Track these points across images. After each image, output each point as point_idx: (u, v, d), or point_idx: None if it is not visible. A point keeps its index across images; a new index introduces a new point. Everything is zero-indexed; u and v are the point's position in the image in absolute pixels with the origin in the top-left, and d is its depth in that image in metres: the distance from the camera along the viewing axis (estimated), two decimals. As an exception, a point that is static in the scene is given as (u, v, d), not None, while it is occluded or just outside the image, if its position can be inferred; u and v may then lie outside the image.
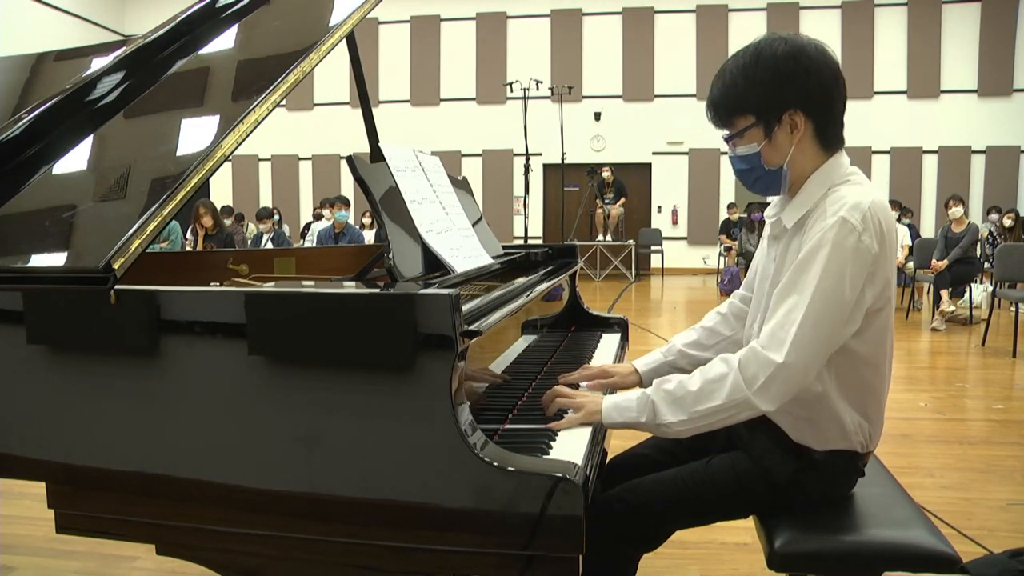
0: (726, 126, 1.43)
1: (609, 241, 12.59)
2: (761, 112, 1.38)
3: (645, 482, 1.50)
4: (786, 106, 1.37)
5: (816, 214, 1.36)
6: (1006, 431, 3.96)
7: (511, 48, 14.49)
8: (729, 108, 1.41)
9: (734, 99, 1.39)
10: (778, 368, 1.28)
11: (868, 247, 1.29)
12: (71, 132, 1.60)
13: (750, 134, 1.40)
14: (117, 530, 1.31)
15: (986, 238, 9.77)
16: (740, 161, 1.44)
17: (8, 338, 1.32)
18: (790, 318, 1.29)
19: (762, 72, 1.36)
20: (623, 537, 1.45)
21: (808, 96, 1.37)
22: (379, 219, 1.49)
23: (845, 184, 1.37)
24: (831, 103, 1.39)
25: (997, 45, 13.30)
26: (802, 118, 1.37)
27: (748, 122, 1.39)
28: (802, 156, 1.40)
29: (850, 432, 1.42)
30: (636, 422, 1.36)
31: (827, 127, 1.40)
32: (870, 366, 1.40)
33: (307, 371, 1.20)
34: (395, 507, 1.15)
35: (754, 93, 1.37)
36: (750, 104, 1.38)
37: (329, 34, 1.63)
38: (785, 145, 1.39)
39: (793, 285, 1.31)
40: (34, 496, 1.43)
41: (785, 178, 1.42)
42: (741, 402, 1.30)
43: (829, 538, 1.39)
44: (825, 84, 1.37)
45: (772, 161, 1.41)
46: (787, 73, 1.35)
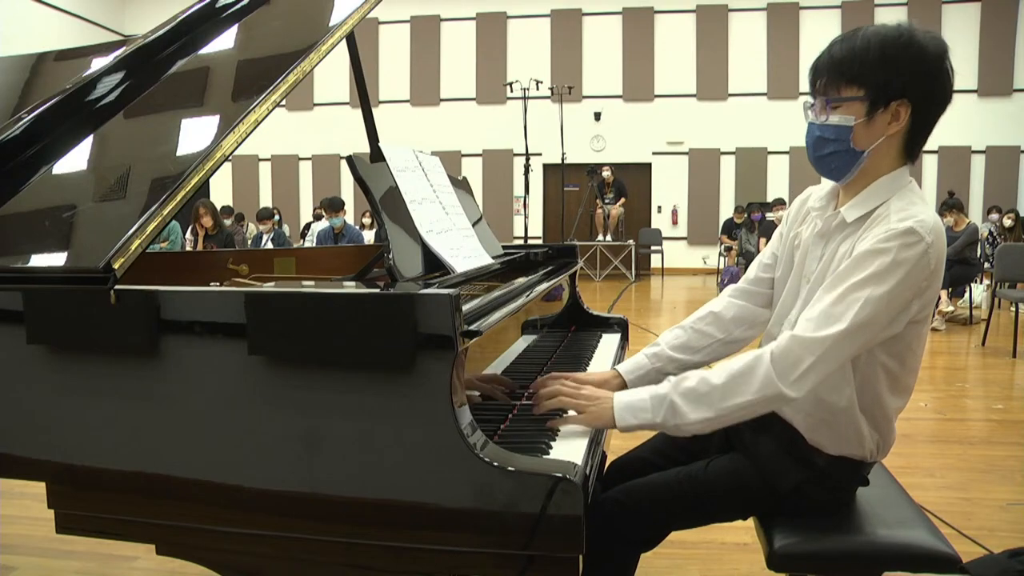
0: (830, 88, 1.35)
1: (609, 241, 12.58)
2: (877, 90, 1.31)
3: (643, 483, 1.49)
4: (903, 94, 1.31)
5: (879, 217, 1.32)
6: (1006, 431, 3.96)
7: (511, 48, 14.49)
8: (846, 72, 1.32)
9: (856, 65, 1.31)
10: (822, 354, 1.25)
11: (928, 261, 1.27)
12: (71, 132, 1.60)
13: (852, 106, 1.33)
14: (117, 530, 1.31)
15: (986, 238, 9.76)
16: (828, 130, 1.36)
17: (8, 338, 1.32)
18: (841, 306, 1.26)
19: (904, 53, 1.30)
20: (621, 537, 1.45)
21: (926, 98, 1.33)
22: (379, 219, 1.49)
23: (914, 204, 1.33)
24: (935, 115, 1.37)
25: (997, 45, 13.30)
26: (907, 113, 1.33)
27: (857, 93, 1.32)
28: (885, 151, 1.36)
29: (865, 440, 1.42)
30: (652, 422, 1.33)
31: (919, 135, 1.37)
32: (894, 383, 1.40)
33: (307, 371, 1.20)
34: (395, 507, 1.15)
35: (883, 69, 1.30)
36: (871, 77, 1.31)
37: (329, 34, 1.63)
38: (879, 131, 1.34)
39: (849, 275, 1.28)
40: (34, 496, 1.43)
41: (859, 165, 1.36)
42: (773, 396, 1.28)
43: (829, 538, 1.39)
44: (943, 95, 1.35)
45: (861, 143, 1.34)
46: (925, 68, 1.31)
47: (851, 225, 1.37)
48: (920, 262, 1.26)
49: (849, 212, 1.38)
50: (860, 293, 1.26)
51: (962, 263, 7.49)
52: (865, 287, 1.26)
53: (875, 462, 1.48)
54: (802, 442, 1.43)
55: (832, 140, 1.36)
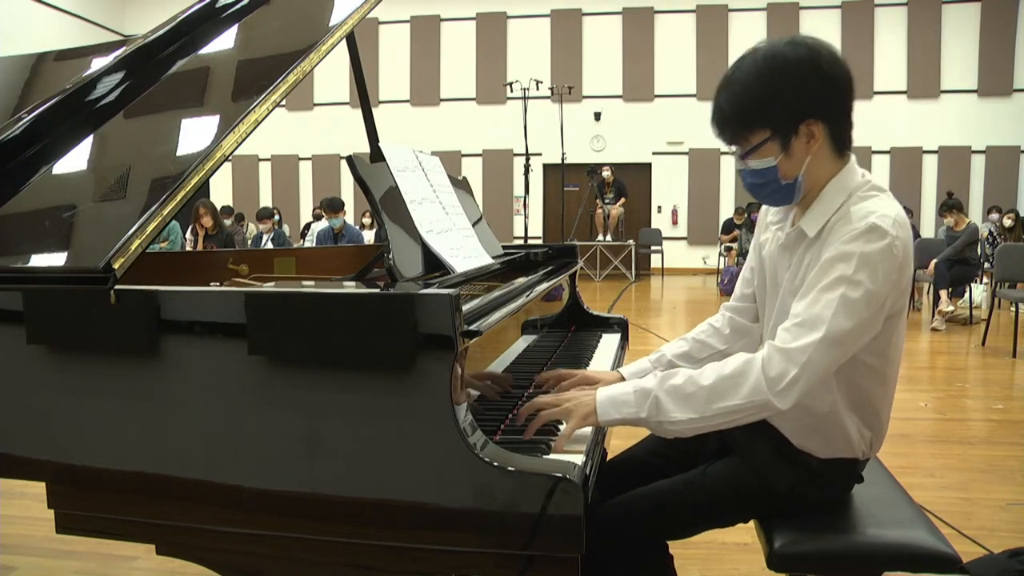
0: (738, 141, 1.35)
1: (609, 241, 12.59)
2: (779, 125, 1.30)
3: (642, 494, 1.48)
4: (804, 116, 1.30)
5: (839, 221, 1.31)
6: (1006, 431, 3.96)
7: (511, 48, 14.49)
8: (743, 123, 1.32)
9: (748, 113, 1.31)
10: (805, 364, 1.23)
11: (895, 254, 1.26)
12: (71, 132, 1.60)
13: (766, 148, 1.32)
14: (117, 530, 1.31)
15: (986, 238, 9.76)
16: (754, 175, 1.36)
17: (8, 338, 1.32)
18: (819, 310, 1.25)
19: (778, 81, 1.28)
20: (621, 548, 1.45)
21: (828, 104, 1.31)
22: (379, 219, 1.49)
23: (870, 198, 1.32)
24: (847, 107, 1.34)
25: (997, 45, 13.31)
26: (820, 127, 1.31)
27: (764, 136, 1.31)
28: (817, 164, 1.34)
29: (854, 441, 1.41)
30: (635, 418, 1.29)
31: (842, 130, 1.35)
32: (878, 377, 1.40)
33: (307, 371, 1.20)
34: (395, 507, 1.15)
35: (771, 105, 1.29)
36: (767, 117, 1.30)
37: (329, 34, 1.63)
38: (801, 156, 1.33)
39: (819, 281, 1.27)
40: (34, 496, 1.43)
41: (799, 189, 1.36)
42: (761, 404, 1.25)
43: (829, 538, 1.39)
44: (841, 89, 1.32)
45: (789, 174, 1.34)
46: (806, 82, 1.28)
47: (813, 237, 1.36)
48: (888, 257, 1.25)
49: (809, 226, 1.36)
50: (832, 296, 1.25)
51: (962, 263, 7.49)
52: (836, 290, 1.25)
53: (867, 460, 1.48)
54: (792, 446, 1.43)
55: (763, 183, 1.36)
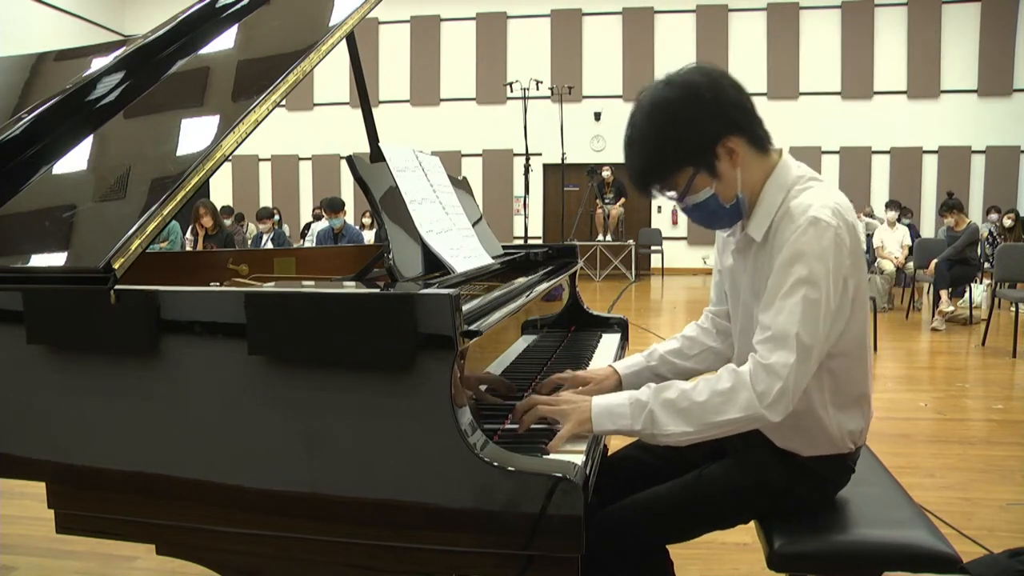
0: (668, 188, 1.38)
1: (609, 241, 12.59)
2: (696, 158, 1.34)
3: (642, 498, 1.48)
4: (714, 140, 1.33)
5: (783, 220, 1.33)
6: (1006, 431, 3.96)
7: (511, 48, 14.49)
8: (664, 172, 1.36)
9: (663, 162, 1.35)
10: (788, 376, 1.26)
11: (843, 240, 1.29)
12: (71, 132, 1.60)
13: (697, 182, 1.36)
14: (117, 530, 1.31)
15: (986, 238, 9.76)
16: (699, 211, 1.40)
17: (8, 338, 1.32)
18: (786, 323, 1.27)
19: (673, 123, 1.32)
20: (621, 554, 1.45)
21: (729, 119, 1.33)
22: (379, 219, 1.49)
23: (806, 190, 1.35)
24: (748, 111, 1.36)
25: (997, 45, 13.30)
26: (734, 140, 1.34)
27: (689, 173, 1.35)
28: (748, 173, 1.37)
29: (836, 437, 1.42)
30: (629, 429, 1.32)
31: (755, 133, 1.37)
32: (849, 368, 1.40)
33: (307, 371, 1.20)
34: (395, 507, 1.15)
35: (678, 146, 1.33)
36: (681, 157, 1.34)
37: (329, 34, 1.63)
38: (732, 174, 1.36)
39: (779, 287, 1.29)
40: (34, 496, 1.43)
41: (744, 203, 1.39)
42: (755, 417, 1.28)
43: (829, 538, 1.39)
44: (736, 100, 1.34)
45: (728, 195, 1.37)
46: (698, 113, 1.32)
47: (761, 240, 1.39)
48: (836, 246, 1.28)
49: (755, 231, 1.39)
50: (795, 300, 1.27)
51: (962, 263, 7.48)
52: (797, 293, 1.27)
53: (858, 451, 1.49)
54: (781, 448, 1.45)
55: (710, 213, 1.40)
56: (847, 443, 1.44)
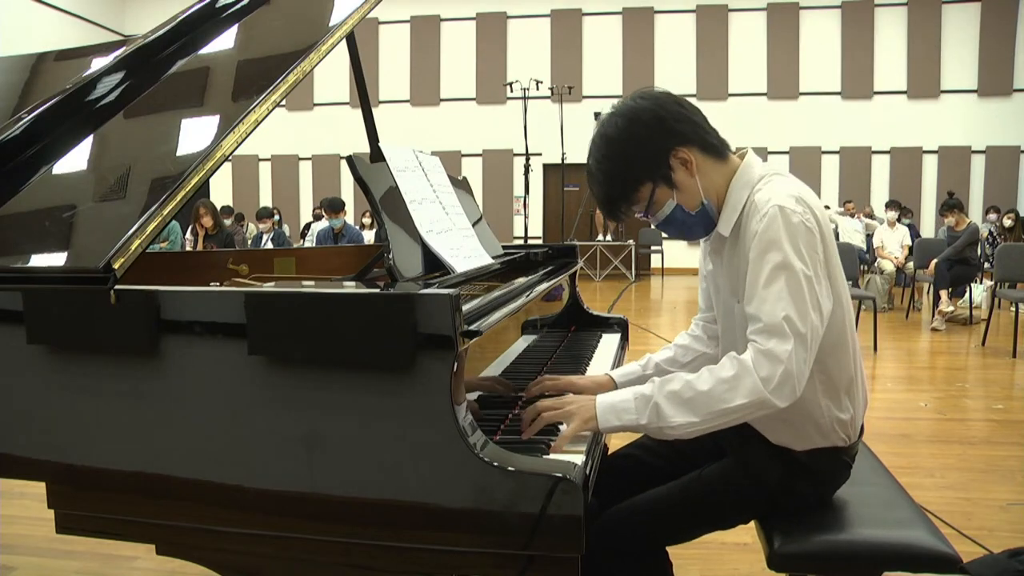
0: (632, 207, 1.45)
1: (609, 241, 12.59)
2: (651, 173, 1.41)
3: (642, 500, 1.49)
4: (665, 153, 1.40)
5: (749, 215, 1.37)
6: (1006, 431, 3.96)
7: (511, 48, 14.49)
8: (625, 193, 1.43)
9: (622, 184, 1.43)
10: (789, 360, 1.26)
11: (810, 223, 1.32)
12: (71, 132, 1.60)
13: (658, 195, 1.42)
14: (117, 530, 1.31)
15: (986, 238, 9.76)
16: (668, 223, 1.46)
17: (8, 338, 1.32)
18: (773, 310, 1.28)
19: (620, 148, 1.41)
20: (622, 556, 1.45)
21: (674, 132, 1.40)
22: (379, 219, 1.49)
23: (768, 184, 1.40)
24: (695, 122, 1.43)
25: (997, 45, 13.30)
26: (684, 150, 1.40)
27: (649, 188, 1.42)
28: (708, 179, 1.43)
29: (826, 429, 1.43)
30: (636, 424, 1.32)
31: (706, 141, 1.43)
32: (833, 355, 1.41)
33: (307, 371, 1.20)
34: (395, 507, 1.15)
35: (632, 165, 1.41)
36: (637, 175, 1.41)
37: (329, 34, 1.63)
38: (691, 182, 1.42)
39: (759, 281, 1.31)
40: (34, 496, 1.43)
41: (711, 210, 1.44)
42: (760, 402, 1.27)
43: (829, 538, 1.39)
44: (678, 115, 1.41)
45: (691, 204, 1.43)
46: (638, 134, 1.40)
47: (730, 236, 1.44)
48: (804, 229, 1.31)
49: (723, 227, 1.45)
50: (777, 287, 1.29)
51: (962, 263, 7.48)
52: (777, 280, 1.29)
53: (854, 446, 1.49)
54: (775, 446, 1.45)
55: (681, 222, 1.46)
56: (839, 435, 1.44)
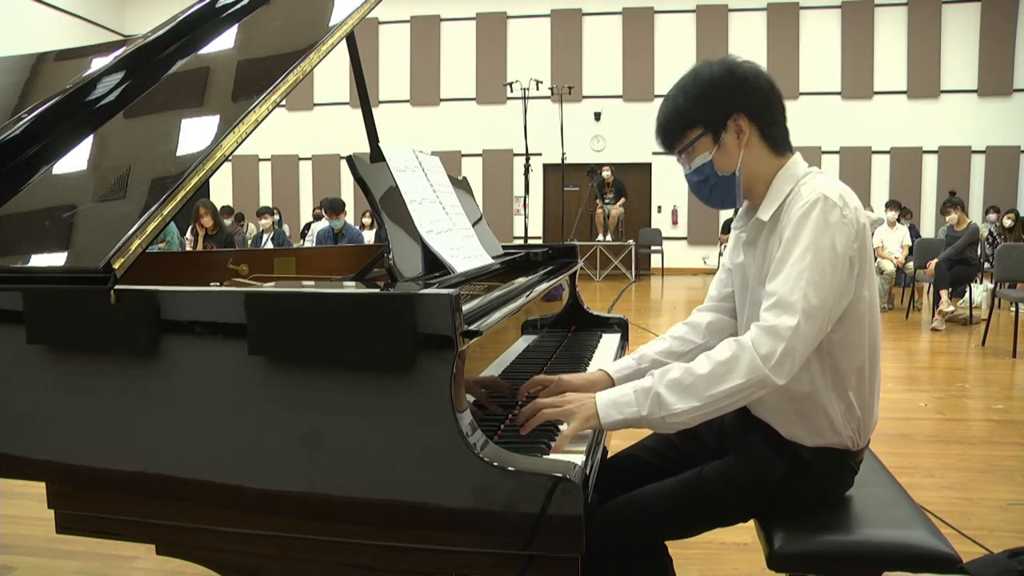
0: (677, 142, 1.49)
1: (609, 241, 12.59)
2: (708, 121, 1.45)
3: (641, 494, 1.49)
4: (729, 112, 1.43)
5: (792, 202, 1.40)
6: (1006, 431, 3.96)
7: (511, 48, 14.48)
8: (677, 125, 1.48)
9: (680, 116, 1.47)
10: (792, 337, 1.28)
11: (851, 220, 1.34)
12: (71, 132, 1.60)
13: (700, 144, 1.46)
14: (117, 530, 1.31)
15: (986, 238, 9.76)
16: (695, 173, 1.49)
17: (8, 338, 1.32)
18: (793, 287, 1.30)
19: (701, 86, 1.45)
20: (622, 550, 1.45)
21: (748, 101, 1.44)
22: (379, 219, 1.49)
23: (813, 179, 1.42)
24: (770, 106, 1.46)
25: (997, 45, 13.30)
26: (746, 122, 1.44)
27: (696, 133, 1.46)
28: (753, 160, 1.45)
29: (839, 426, 1.43)
30: (637, 417, 1.32)
31: (772, 130, 1.46)
32: (856, 353, 1.41)
33: (307, 371, 1.20)
34: (395, 507, 1.15)
35: (698, 106, 1.45)
36: (696, 116, 1.46)
37: (329, 34, 1.63)
38: (734, 150, 1.45)
39: (786, 259, 1.33)
40: (34, 496, 1.43)
41: (738, 185, 1.46)
42: (759, 380, 1.29)
43: (829, 538, 1.39)
44: (762, 90, 1.45)
45: (724, 167, 1.46)
46: (725, 83, 1.44)
47: (769, 222, 1.45)
48: (842, 223, 1.33)
49: (763, 212, 1.46)
50: (800, 268, 1.31)
51: (963, 263, 7.48)
52: (803, 262, 1.31)
53: (861, 451, 1.49)
54: (783, 438, 1.45)
55: (704, 179, 1.49)
56: (849, 436, 1.44)
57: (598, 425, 1.34)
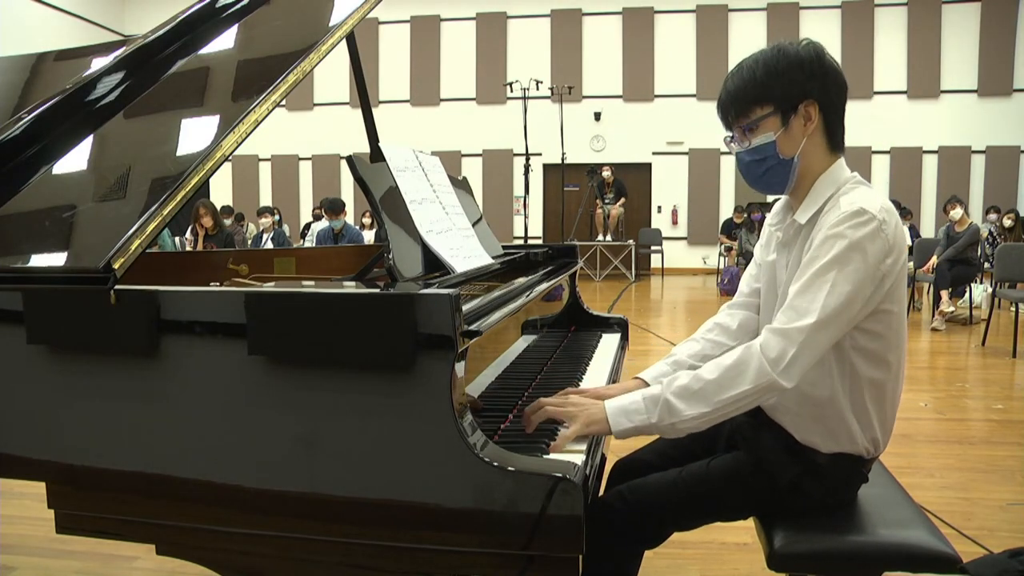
0: (742, 117, 1.44)
1: (609, 241, 12.59)
2: (781, 100, 1.41)
3: (646, 482, 1.49)
4: (804, 96, 1.40)
5: (830, 209, 1.38)
6: (1006, 431, 3.96)
7: (511, 48, 14.49)
8: (749, 98, 1.43)
9: (755, 89, 1.42)
10: (803, 342, 1.28)
11: (886, 236, 1.32)
12: (71, 132, 1.60)
13: (767, 122, 1.42)
14: (117, 530, 1.31)
15: (986, 238, 9.76)
16: (753, 153, 1.45)
17: (8, 338, 1.32)
18: (813, 291, 1.30)
19: (785, 64, 1.40)
20: (623, 536, 1.45)
21: (825, 91, 1.41)
22: (379, 219, 1.49)
23: (855, 189, 1.41)
24: (842, 103, 1.45)
25: (997, 45, 13.30)
26: (816, 111, 1.41)
27: (767, 111, 1.42)
28: (812, 151, 1.43)
29: (857, 435, 1.42)
30: (647, 424, 1.34)
31: (836, 126, 1.45)
32: (880, 367, 1.40)
33: (307, 371, 1.20)
34: (395, 507, 1.15)
35: (777, 82, 1.40)
36: (771, 92, 1.41)
37: (329, 34, 1.63)
38: (799, 136, 1.42)
39: (812, 264, 1.32)
40: (34, 496, 1.43)
41: (794, 171, 1.44)
42: (767, 385, 1.29)
43: (829, 538, 1.39)
44: (840, 84, 1.43)
45: (786, 151, 1.43)
46: (809, 67, 1.40)
47: (806, 226, 1.43)
48: (876, 238, 1.31)
49: (801, 215, 1.44)
50: (826, 278, 1.30)
51: (963, 263, 7.49)
52: (829, 271, 1.30)
53: (874, 458, 1.48)
54: (797, 442, 1.45)
55: (762, 159, 1.45)
56: (865, 445, 1.43)
57: (603, 431, 1.34)
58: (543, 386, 1.72)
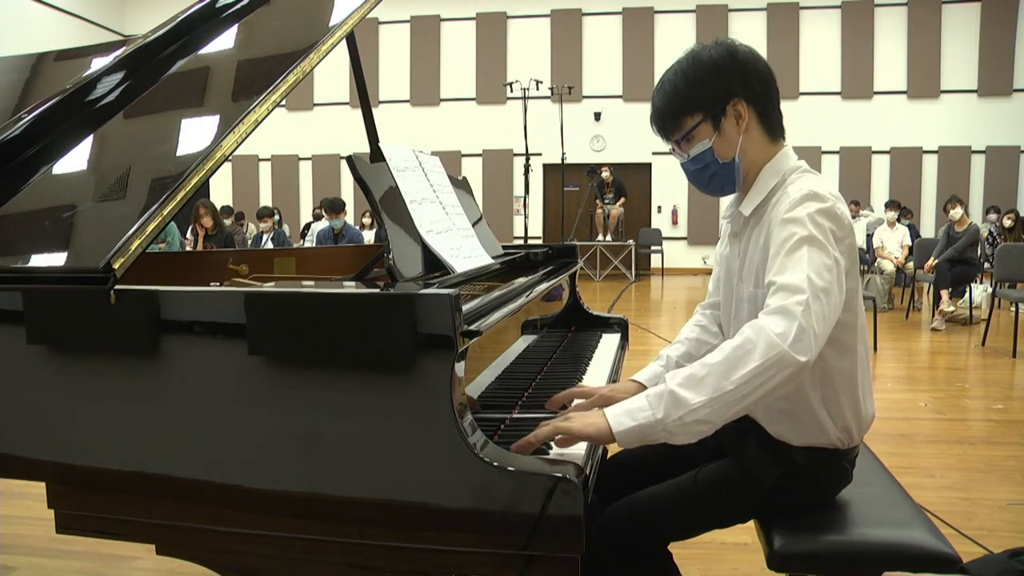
0: (675, 130, 1.46)
1: (609, 241, 12.59)
2: (707, 107, 1.42)
3: (641, 497, 1.49)
4: (729, 96, 1.41)
5: (778, 198, 1.39)
6: (1006, 431, 3.96)
7: (511, 48, 14.49)
8: (675, 111, 1.44)
9: (679, 101, 1.44)
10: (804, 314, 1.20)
11: (837, 213, 1.32)
12: (71, 132, 1.60)
13: (699, 131, 1.43)
14: (117, 530, 1.31)
15: (986, 238, 9.77)
16: (693, 162, 1.47)
17: (8, 338, 1.32)
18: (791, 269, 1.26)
19: (701, 71, 1.42)
20: (621, 552, 1.45)
21: (748, 85, 1.42)
22: (379, 219, 1.49)
23: (802, 178, 1.41)
24: (769, 92, 1.45)
25: (997, 45, 13.30)
26: (745, 107, 1.42)
27: (696, 120, 1.43)
28: (751, 146, 1.44)
29: (828, 426, 1.42)
30: (652, 420, 1.21)
31: (770, 115, 1.45)
32: (846, 355, 1.40)
33: (307, 371, 1.20)
34: (395, 507, 1.15)
35: (698, 91, 1.42)
36: (695, 102, 1.43)
37: (329, 34, 1.63)
38: (734, 135, 1.43)
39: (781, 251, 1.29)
40: (34, 496, 1.43)
41: (739, 170, 1.45)
42: (778, 359, 1.18)
43: (829, 538, 1.39)
44: (761, 73, 1.43)
45: (724, 154, 1.44)
46: (725, 67, 1.41)
47: (752, 217, 1.45)
48: (832, 216, 1.31)
49: (746, 207, 1.46)
50: (799, 254, 1.28)
51: (963, 263, 7.49)
52: (799, 249, 1.28)
53: (853, 450, 1.48)
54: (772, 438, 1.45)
55: (704, 167, 1.47)
56: (839, 436, 1.43)
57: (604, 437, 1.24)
58: (543, 386, 1.72)
